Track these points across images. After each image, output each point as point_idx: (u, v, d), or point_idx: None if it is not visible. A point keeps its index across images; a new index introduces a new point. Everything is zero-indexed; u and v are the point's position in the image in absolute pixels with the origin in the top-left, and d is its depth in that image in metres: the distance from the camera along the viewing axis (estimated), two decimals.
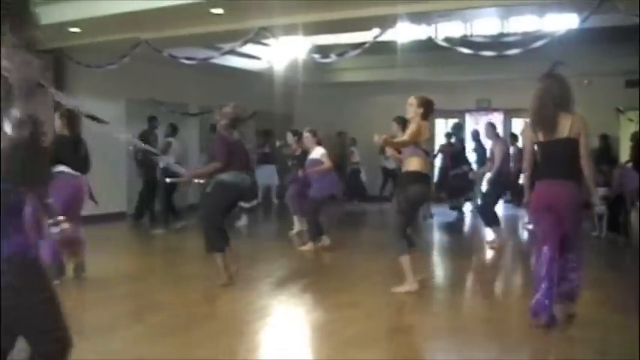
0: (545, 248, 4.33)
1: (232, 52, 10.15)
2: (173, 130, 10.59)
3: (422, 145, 5.68)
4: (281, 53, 11.45)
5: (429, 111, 5.73)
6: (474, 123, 15.27)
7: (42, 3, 8.98)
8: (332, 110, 15.86)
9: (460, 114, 15.75)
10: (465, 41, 9.61)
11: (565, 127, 4.27)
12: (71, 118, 6.05)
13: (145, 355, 3.99)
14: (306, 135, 8.55)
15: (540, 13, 9.38)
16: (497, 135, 8.86)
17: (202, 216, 6.14)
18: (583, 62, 12.61)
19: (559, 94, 4.31)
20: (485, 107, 15.46)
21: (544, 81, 4.42)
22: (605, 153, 12.28)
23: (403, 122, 7.03)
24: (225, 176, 5.79)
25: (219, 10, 8.25)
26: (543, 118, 4.34)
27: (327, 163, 8.28)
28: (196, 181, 6.93)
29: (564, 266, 4.42)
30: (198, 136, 13.65)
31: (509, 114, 14.90)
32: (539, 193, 4.44)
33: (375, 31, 8.65)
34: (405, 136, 5.67)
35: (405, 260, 5.68)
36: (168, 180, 7.94)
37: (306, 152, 8.69)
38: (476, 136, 11.92)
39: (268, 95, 13.73)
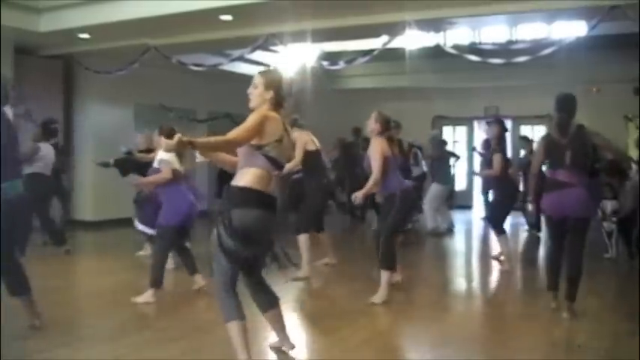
0: None
1: (241, 58, 10.19)
2: (44, 134, 8.16)
3: (270, 150, 3.53)
4: (290, 60, 11.48)
5: (282, 96, 3.69)
6: (483, 131, 15.23)
7: (52, 9, 9.07)
8: (340, 117, 15.88)
9: (468, 121, 15.73)
10: (473, 48, 9.61)
11: None
12: None
13: None
14: (156, 138, 5.96)
15: (549, 20, 9.36)
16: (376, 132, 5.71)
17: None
18: (592, 70, 12.58)
19: None
20: (493, 114, 15.43)
21: None
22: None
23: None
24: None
25: (227, 17, 8.29)
26: None
27: (166, 173, 5.48)
28: None
29: None
30: None
31: (518, 121, 14.85)
32: None
33: (384, 38, 8.67)
34: (233, 132, 3.47)
35: (232, 327, 3.60)
36: None
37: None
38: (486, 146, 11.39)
39: None
